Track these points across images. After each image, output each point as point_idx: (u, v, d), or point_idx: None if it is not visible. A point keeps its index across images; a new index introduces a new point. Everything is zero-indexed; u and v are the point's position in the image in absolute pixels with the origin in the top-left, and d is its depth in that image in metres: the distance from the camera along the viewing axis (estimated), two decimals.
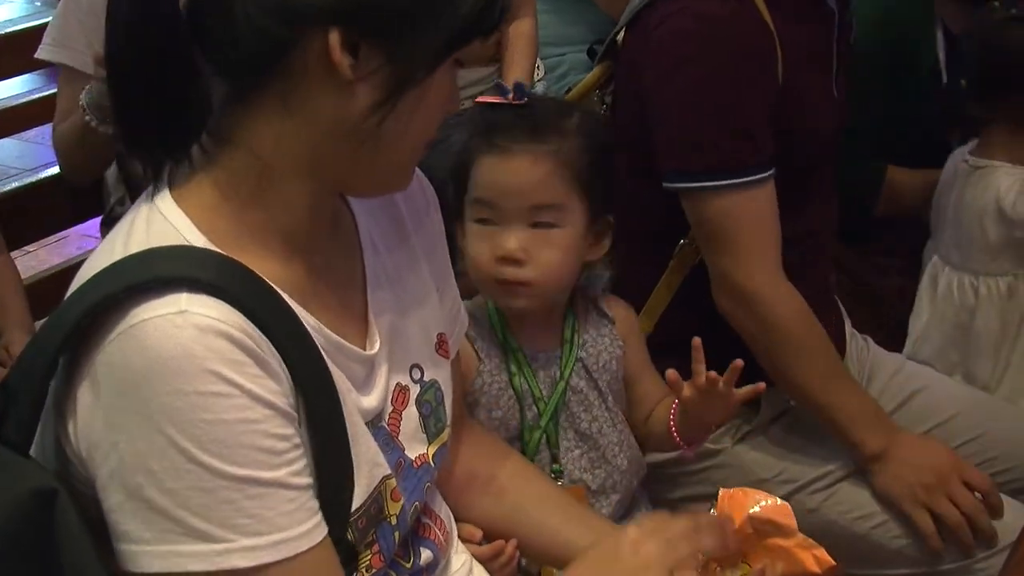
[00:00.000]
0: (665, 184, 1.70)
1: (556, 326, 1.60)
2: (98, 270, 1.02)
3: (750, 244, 1.68)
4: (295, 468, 1.02)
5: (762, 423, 1.82)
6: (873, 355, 2.00)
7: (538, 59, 2.89)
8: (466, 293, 1.47)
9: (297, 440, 1.02)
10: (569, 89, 2.21)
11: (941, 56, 2.27)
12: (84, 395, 0.99)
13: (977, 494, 1.69)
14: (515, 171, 1.48)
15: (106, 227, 2.28)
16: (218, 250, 1.02)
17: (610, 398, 1.63)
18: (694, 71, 1.66)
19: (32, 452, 1.05)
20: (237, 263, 1.02)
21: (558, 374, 1.58)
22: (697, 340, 1.46)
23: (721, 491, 1.23)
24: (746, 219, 1.67)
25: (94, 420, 0.99)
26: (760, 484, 1.72)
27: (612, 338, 1.66)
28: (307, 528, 1.02)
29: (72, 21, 2.13)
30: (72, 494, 1.00)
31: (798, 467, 1.79)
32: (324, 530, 1.04)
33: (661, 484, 1.88)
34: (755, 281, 1.68)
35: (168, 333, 0.96)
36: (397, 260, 1.24)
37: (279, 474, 1.00)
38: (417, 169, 1.22)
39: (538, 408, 1.56)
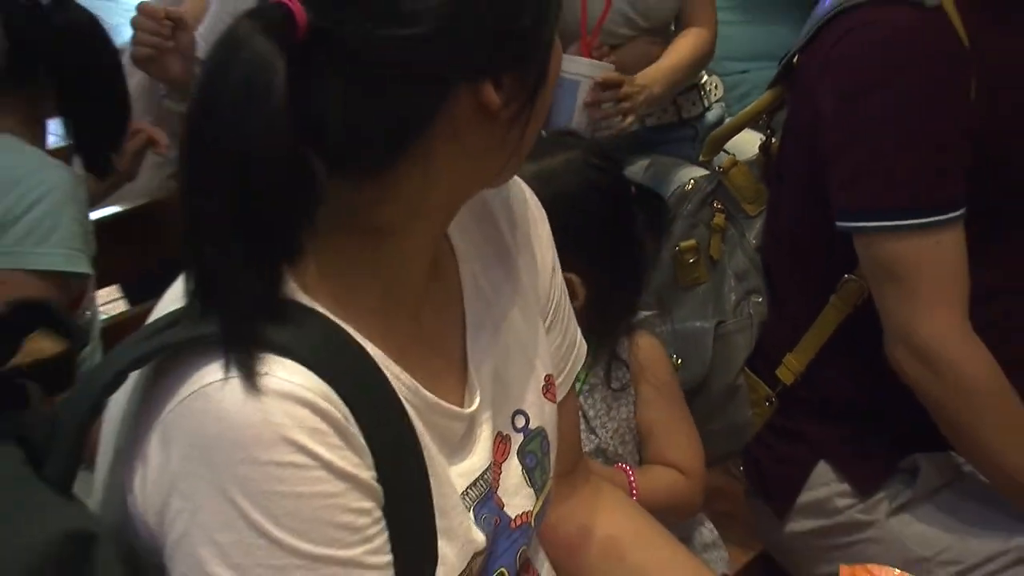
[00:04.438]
0: (839, 224, 1.64)
1: None
2: (177, 306, 1.01)
3: (935, 293, 1.61)
4: (374, 546, 0.99)
5: (926, 491, 1.74)
6: None
7: (716, 77, 2.89)
8: None
9: (378, 514, 1.00)
10: None
11: None
12: (154, 453, 0.99)
13: None
14: None
15: None
16: (314, 305, 1.01)
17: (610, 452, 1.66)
18: (878, 97, 1.59)
19: (93, 500, 1.07)
20: (329, 322, 1.01)
21: None
22: None
23: (841, 568, 1.29)
24: (932, 264, 1.60)
25: (162, 481, 0.98)
26: (918, 564, 1.71)
27: (623, 389, 1.68)
28: None
29: (222, 18, 2.24)
30: (131, 551, 1.01)
31: (966, 546, 1.71)
32: None
33: (806, 558, 1.85)
34: (942, 336, 1.61)
35: (242, 399, 0.95)
36: (502, 298, 1.24)
37: (356, 552, 0.98)
38: (524, 184, 1.26)
39: None
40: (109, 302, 2.67)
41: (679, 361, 1.85)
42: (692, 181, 1.97)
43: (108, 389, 0.99)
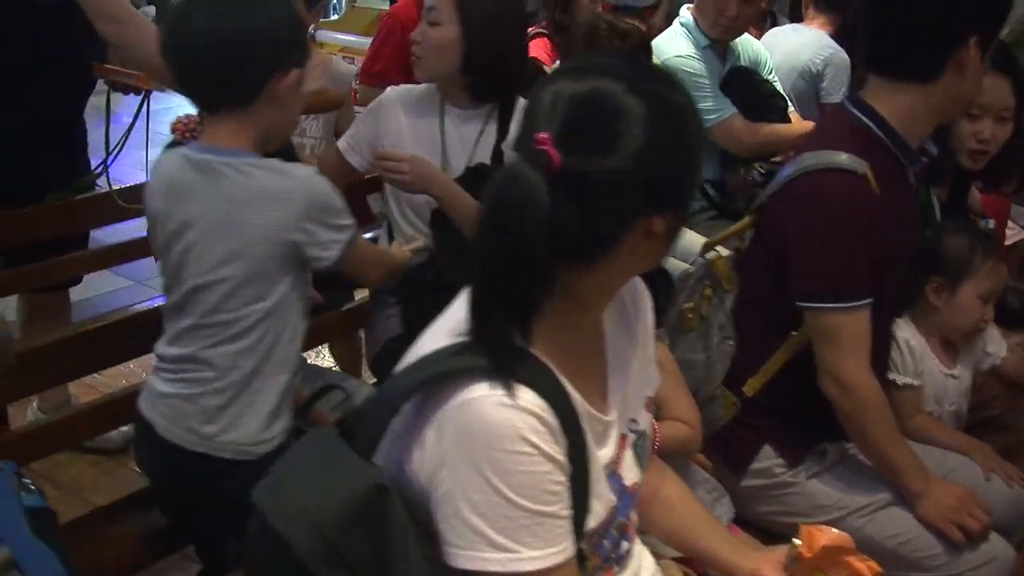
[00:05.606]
0: (797, 302, 2.09)
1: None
2: (447, 344, 1.19)
3: (852, 347, 2.06)
4: (565, 504, 1.19)
5: (828, 465, 2.26)
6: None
7: None
8: None
9: (567, 483, 1.19)
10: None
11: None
12: (430, 437, 1.16)
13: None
14: None
15: None
16: (536, 352, 1.20)
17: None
18: (825, 230, 2.03)
19: (378, 462, 1.21)
20: (544, 365, 1.20)
21: None
22: None
23: (802, 527, 1.48)
24: (851, 329, 2.05)
25: (435, 456, 1.15)
26: (822, 508, 2.18)
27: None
28: (567, 545, 1.20)
29: (364, 136, 2.57)
30: (404, 498, 1.16)
31: (850, 498, 2.19)
32: (575, 546, 1.22)
33: (752, 501, 2.28)
34: (854, 373, 2.06)
35: (499, 409, 1.13)
36: (627, 351, 1.42)
37: (555, 508, 1.18)
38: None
39: None
40: None
41: None
42: (692, 267, 2.24)
43: (407, 396, 1.17)
